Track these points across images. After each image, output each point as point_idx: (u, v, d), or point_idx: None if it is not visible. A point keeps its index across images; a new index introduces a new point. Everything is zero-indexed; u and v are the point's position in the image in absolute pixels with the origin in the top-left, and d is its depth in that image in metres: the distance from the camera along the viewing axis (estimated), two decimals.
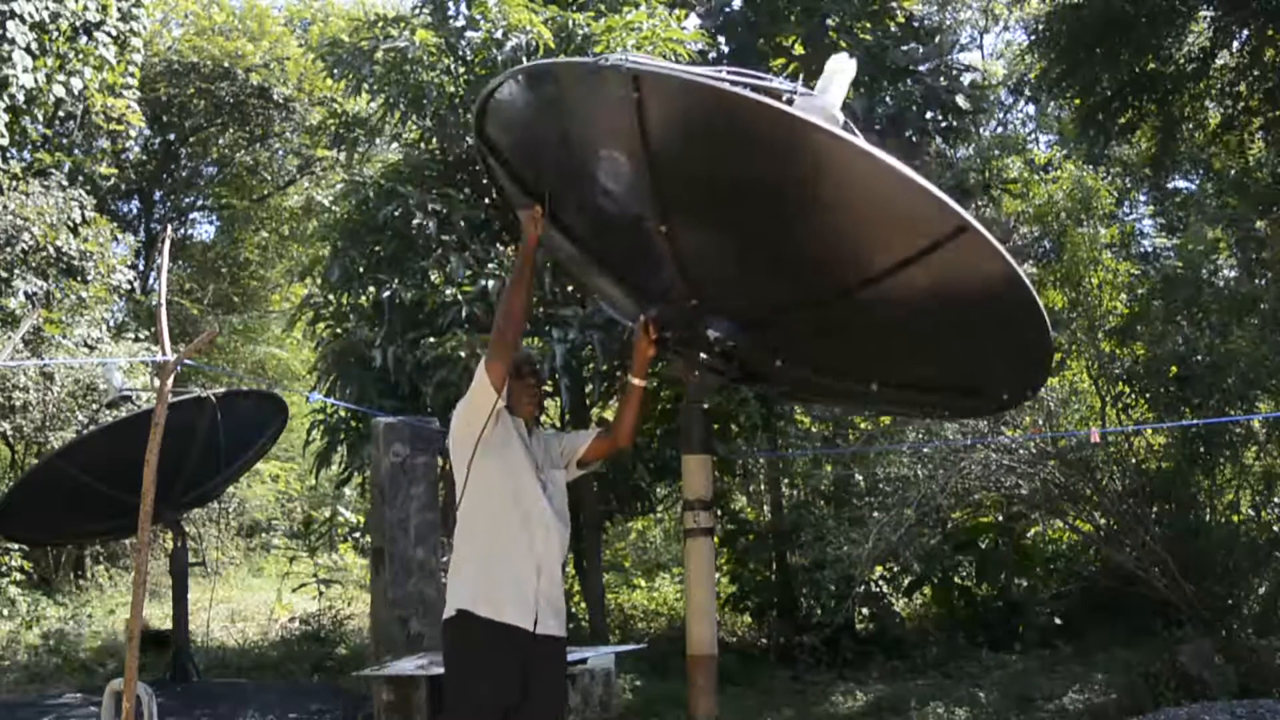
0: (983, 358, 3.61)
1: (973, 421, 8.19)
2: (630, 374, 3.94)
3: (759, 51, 11.66)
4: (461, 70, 8.89)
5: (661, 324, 3.78)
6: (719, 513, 10.29)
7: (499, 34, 8.51)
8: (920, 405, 4.33)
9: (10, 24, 10.82)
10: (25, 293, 11.77)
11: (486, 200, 9.02)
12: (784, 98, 3.20)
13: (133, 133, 15.04)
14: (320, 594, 11.34)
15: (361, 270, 8.74)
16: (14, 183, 12.10)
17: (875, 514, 8.22)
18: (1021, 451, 8.07)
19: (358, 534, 13.99)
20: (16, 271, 11.68)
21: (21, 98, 11.23)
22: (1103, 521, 8.62)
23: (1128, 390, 8.87)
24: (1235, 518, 8.67)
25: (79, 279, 12.34)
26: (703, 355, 3.65)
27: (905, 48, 10.93)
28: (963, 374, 3.75)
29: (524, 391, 3.90)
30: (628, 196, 3.49)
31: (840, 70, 3.41)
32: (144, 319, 15.35)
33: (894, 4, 11.35)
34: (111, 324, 13.70)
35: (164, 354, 4.09)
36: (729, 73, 3.09)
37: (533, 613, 3.73)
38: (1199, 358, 8.26)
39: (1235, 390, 8.22)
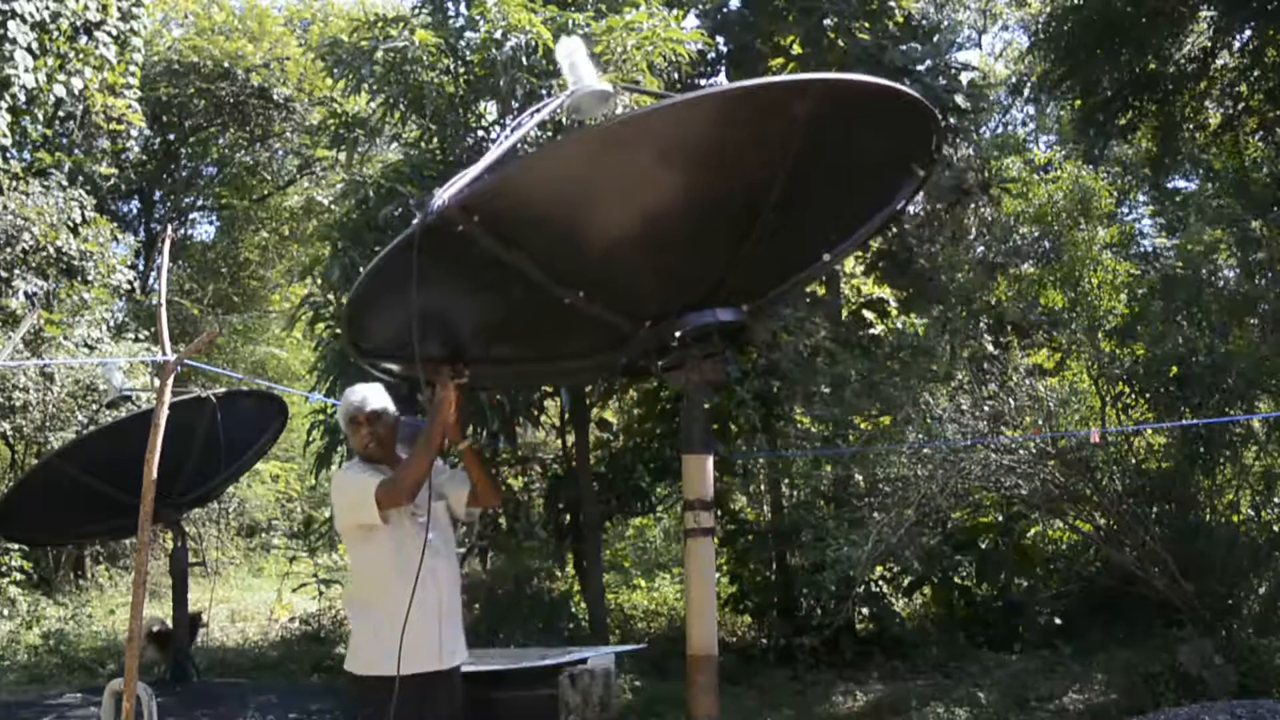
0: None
1: (972, 422, 8.19)
2: (454, 443, 3.90)
3: (757, 51, 11.67)
4: (461, 70, 8.90)
5: (648, 352, 3.70)
6: (719, 513, 10.29)
7: (498, 34, 8.52)
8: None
9: (11, 24, 10.83)
10: (25, 293, 11.77)
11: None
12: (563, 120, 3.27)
13: (133, 133, 15.04)
14: (320, 594, 11.35)
15: (362, 270, 8.73)
16: (14, 183, 12.10)
17: (875, 514, 8.21)
18: (1021, 451, 8.07)
19: None
20: (16, 271, 11.69)
21: (23, 97, 11.23)
22: (1103, 521, 8.62)
23: (1128, 390, 8.86)
24: (1235, 518, 8.66)
25: (79, 279, 12.34)
26: (702, 353, 3.62)
27: (904, 47, 10.93)
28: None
29: (368, 439, 3.90)
30: (529, 299, 3.44)
31: (570, 54, 3.41)
32: (144, 319, 15.35)
33: (892, 3, 11.35)
34: (111, 324, 13.70)
35: (164, 354, 4.09)
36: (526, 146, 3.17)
37: (438, 655, 3.80)
38: (1199, 358, 8.26)
39: (1235, 390, 8.22)
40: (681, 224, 3.27)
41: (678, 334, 3.53)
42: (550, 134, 8.31)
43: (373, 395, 3.91)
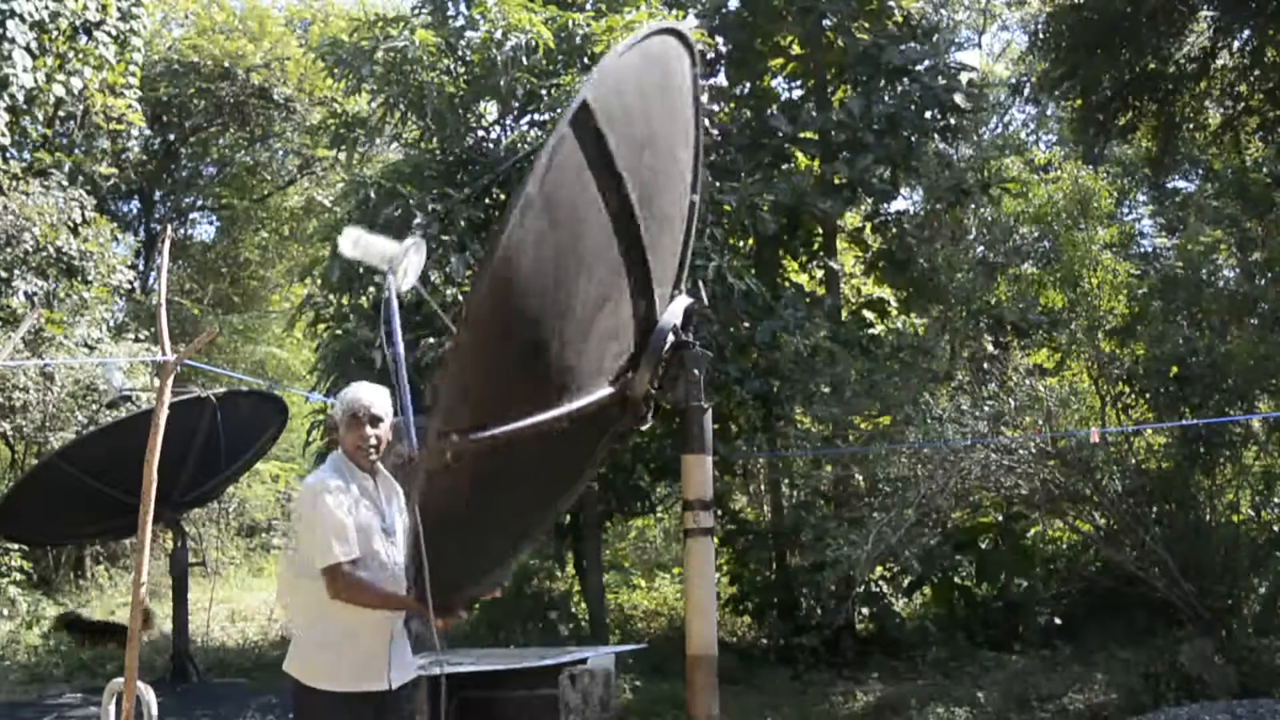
0: None
1: (973, 422, 8.19)
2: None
3: (757, 51, 11.67)
4: (461, 70, 8.90)
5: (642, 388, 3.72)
6: (719, 513, 10.29)
7: (499, 34, 8.52)
8: None
9: (10, 23, 10.82)
10: (25, 293, 11.77)
11: (487, 200, 9.02)
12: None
13: (133, 133, 15.05)
14: None
15: (362, 270, 8.74)
16: (14, 183, 12.10)
17: (875, 514, 8.21)
18: (1021, 451, 8.07)
19: None
20: (17, 271, 11.68)
21: (21, 98, 11.23)
22: (1103, 521, 8.62)
23: (1128, 390, 8.87)
24: (1235, 518, 8.67)
25: (79, 279, 12.34)
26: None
27: (903, 47, 10.93)
28: None
29: (362, 440, 3.79)
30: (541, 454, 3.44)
31: (355, 247, 3.68)
32: (144, 319, 15.36)
33: (891, 3, 11.35)
34: (111, 324, 13.70)
35: (164, 354, 4.08)
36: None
37: (385, 675, 3.75)
38: (1199, 358, 8.26)
39: (1235, 390, 8.23)
40: (591, 285, 3.34)
41: (662, 359, 3.57)
42: None
43: (380, 399, 3.86)
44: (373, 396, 3.81)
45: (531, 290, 3.05)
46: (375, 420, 3.81)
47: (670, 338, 3.60)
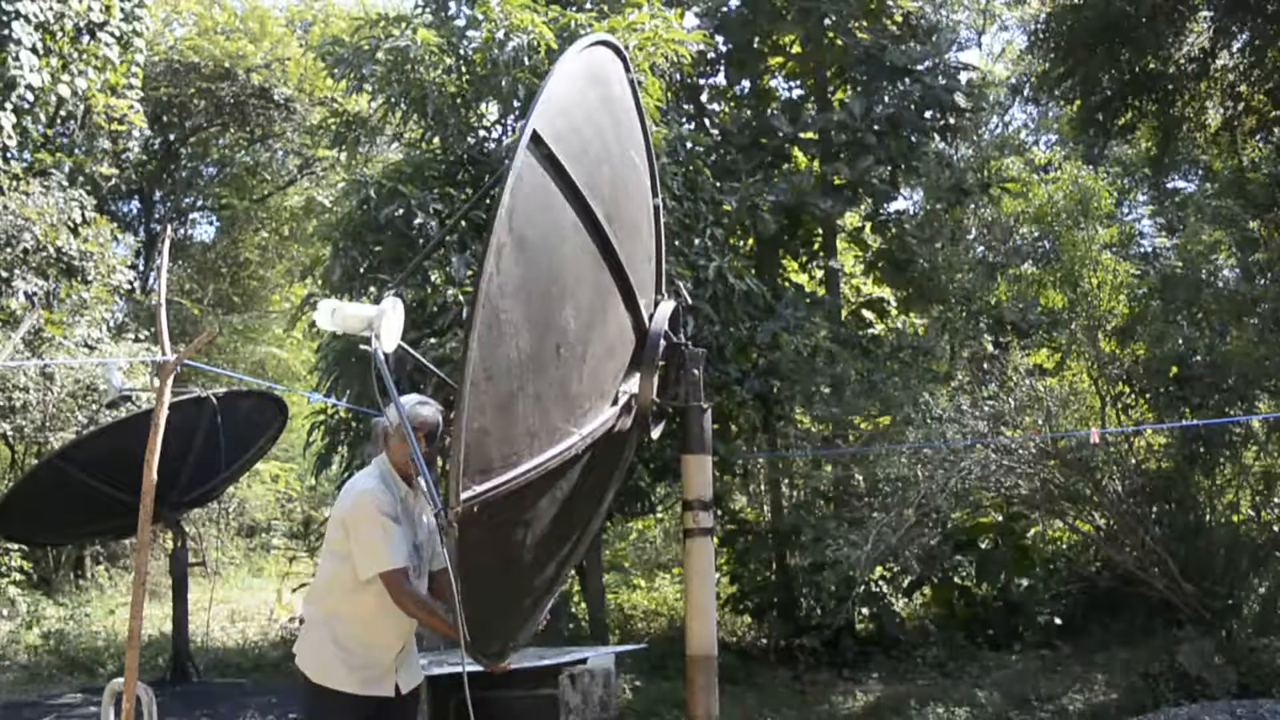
0: None
1: (972, 422, 8.20)
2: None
3: (757, 51, 11.67)
4: (463, 70, 8.90)
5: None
6: (719, 513, 10.29)
7: (500, 34, 8.52)
8: None
9: (16, 24, 10.84)
10: (25, 293, 11.77)
11: (488, 200, 9.02)
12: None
13: (134, 133, 15.05)
14: None
15: (362, 270, 8.75)
16: (14, 183, 12.10)
17: (875, 515, 8.21)
18: (1021, 452, 8.07)
19: None
20: (17, 271, 11.68)
21: (30, 98, 11.24)
22: (1103, 521, 8.63)
23: (1128, 390, 8.87)
24: (1235, 518, 8.67)
25: (79, 279, 12.34)
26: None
27: (903, 47, 10.94)
28: None
29: (415, 453, 3.72)
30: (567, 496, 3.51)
31: (333, 318, 3.69)
32: (144, 319, 15.35)
33: (891, 3, 11.35)
34: (111, 324, 13.69)
35: (164, 354, 4.08)
36: None
37: (394, 683, 3.81)
38: (1199, 358, 8.26)
39: (1235, 390, 8.23)
40: (592, 309, 3.37)
41: (659, 363, 3.58)
42: None
43: (436, 414, 3.82)
44: (435, 412, 3.81)
45: (522, 332, 3.05)
46: (432, 436, 3.79)
47: (662, 342, 3.61)
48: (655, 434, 3.83)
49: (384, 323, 3.52)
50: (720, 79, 11.91)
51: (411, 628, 3.86)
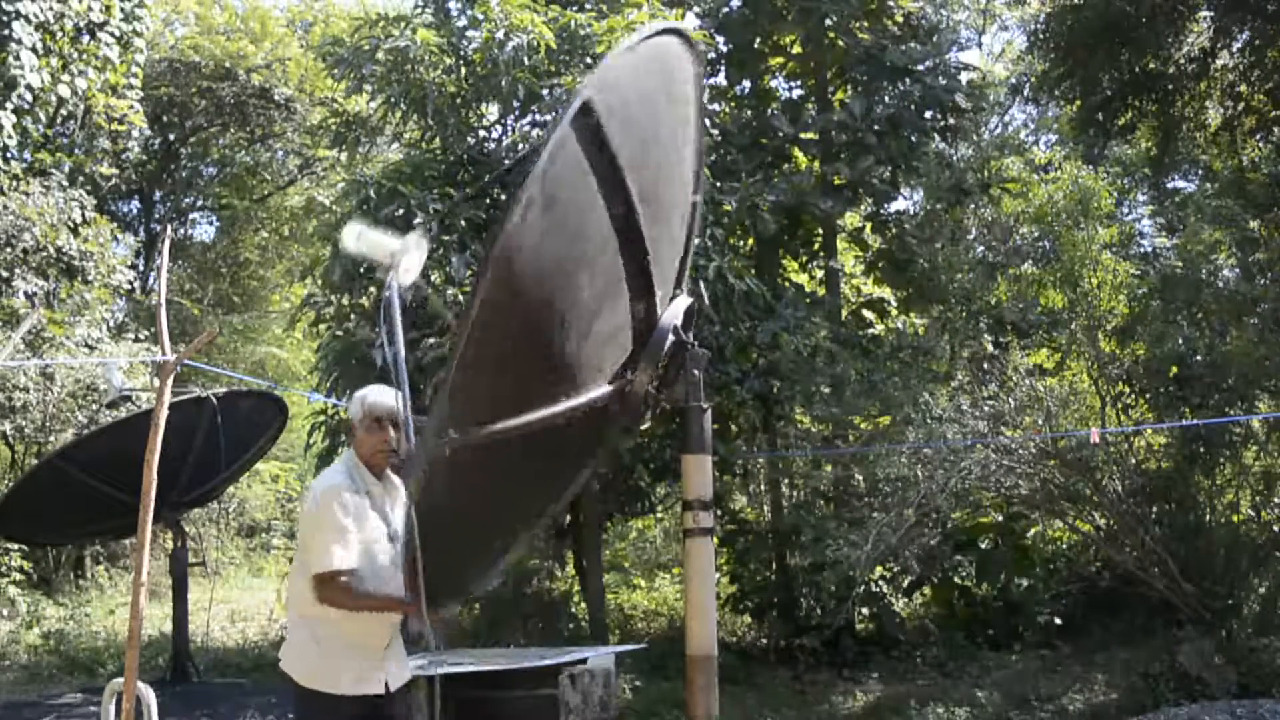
0: None
1: (972, 422, 8.20)
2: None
3: (757, 51, 11.67)
4: (463, 70, 8.90)
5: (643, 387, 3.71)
6: (719, 513, 10.29)
7: (500, 34, 8.52)
8: None
9: (16, 24, 10.85)
10: (25, 293, 11.78)
11: (487, 200, 9.03)
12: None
13: (134, 133, 15.06)
14: None
15: (362, 270, 8.75)
16: (14, 183, 12.11)
17: (875, 514, 8.21)
18: (1021, 452, 8.07)
19: None
20: (17, 271, 11.69)
21: (30, 98, 11.25)
22: (1103, 521, 8.63)
23: (1128, 390, 8.87)
24: (1235, 518, 8.67)
25: (79, 279, 12.35)
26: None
27: (903, 47, 10.93)
28: None
29: (380, 444, 3.78)
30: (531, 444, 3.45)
31: (358, 241, 3.69)
32: (144, 319, 15.36)
33: (892, 3, 11.35)
34: (111, 324, 13.70)
35: (164, 354, 4.08)
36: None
37: (384, 680, 3.78)
38: (1199, 358, 8.26)
39: (1235, 390, 8.23)
40: (591, 289, 3.33)
41: (662, 358, 3.56)
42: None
43: (397, 402, 3.85)
44: (392, 400, 3.79)
45: (532, 288, 3.03)
46: (395, 424, 3.78)
47: (670, 338, 3.59)
48: (643, 425, 3.82)
49: (407, 256, 3.53)
50: (721, 79, 11.91)
51: (396, 623, 3.84)
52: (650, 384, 3.59)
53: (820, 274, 11.64)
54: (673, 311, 3.66)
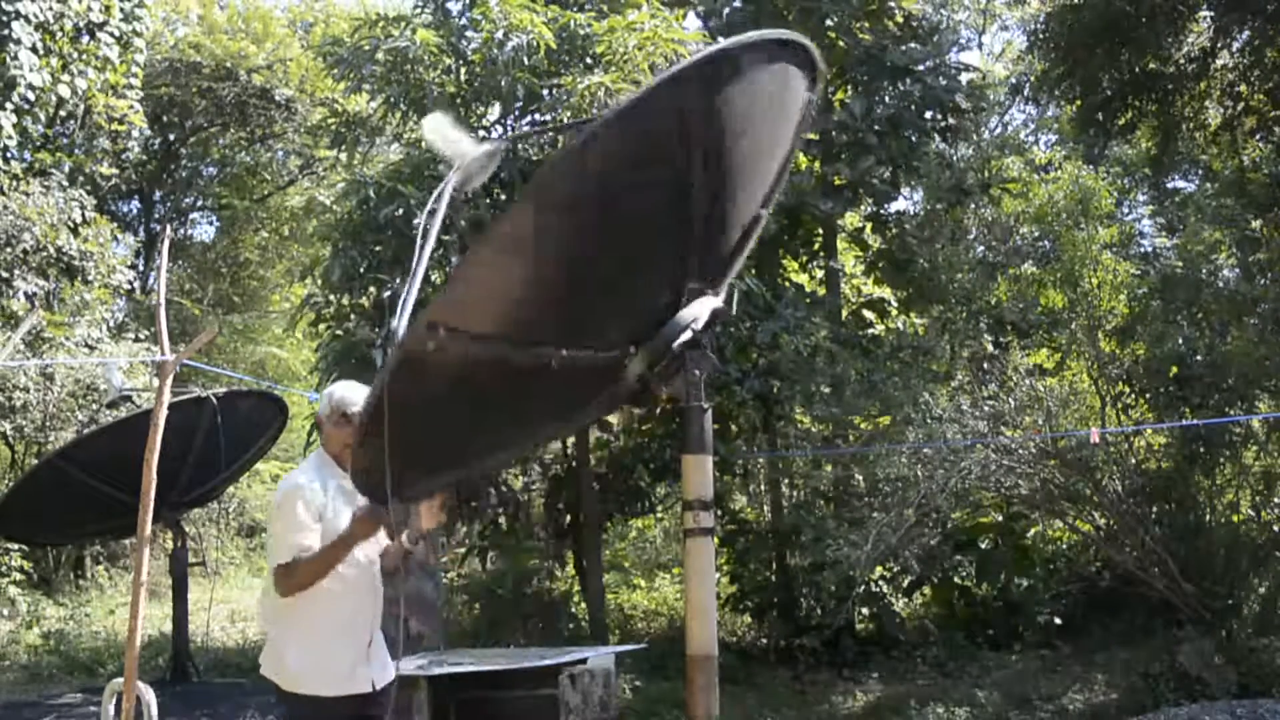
0: None
1: (973, 422, 8.20)
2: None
3: None
4: (462, 70, 8.90)
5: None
6: (719, 513, 10.29)
7: (500, 34, 8.51)
8: None
9: (16, 24, 10.86)
10: (25, 293, 11.78)
11: (488, 200, 9.03)
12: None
13: (134, 133, 15.06)
14: None
15: (362, 270, 8.74)
16: (15, 183, 12.11)
17: (875, 515, 8.21)
18: (1021, 452, 8.07)
19: None
20: (17, 271, 11.69)
21: (30, 98, 11.26)
22: (1103, 521, 8.63)
23: (1128, 390, 8.87)
24: (1235, 518, 8.67)
25: (79, 279, 12.35)
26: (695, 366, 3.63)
27: (904, 47, 10.94)
28: None
29: (348, 438, 3.70)
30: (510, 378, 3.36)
31: (437, 130, 3.53)
32: (144, 319, 15.36)
33: (892, 4, 11.35)
34: (111, 324, 13.70)
35: (164, 354, 4.08)
36: None
37: (369, 679, 3.76)
38: (1199, 358, 8.26)
39: (1235, 390, 8.23)
40: (628, 245, 3.25)
41: (667, 350, 3.52)
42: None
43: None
44: (360, 396, 3.77)
45: (574, 220, 2.94)
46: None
47: (687, 333, 3.54)
48: (638, 410, 3.82)
49: (477, 162, 3.47)
50: None
51: (375, 620, 3.83)
52: (649, 370, 3.54)
53: (820, 274, 11.64)
54: (698, 306, 3.59)
